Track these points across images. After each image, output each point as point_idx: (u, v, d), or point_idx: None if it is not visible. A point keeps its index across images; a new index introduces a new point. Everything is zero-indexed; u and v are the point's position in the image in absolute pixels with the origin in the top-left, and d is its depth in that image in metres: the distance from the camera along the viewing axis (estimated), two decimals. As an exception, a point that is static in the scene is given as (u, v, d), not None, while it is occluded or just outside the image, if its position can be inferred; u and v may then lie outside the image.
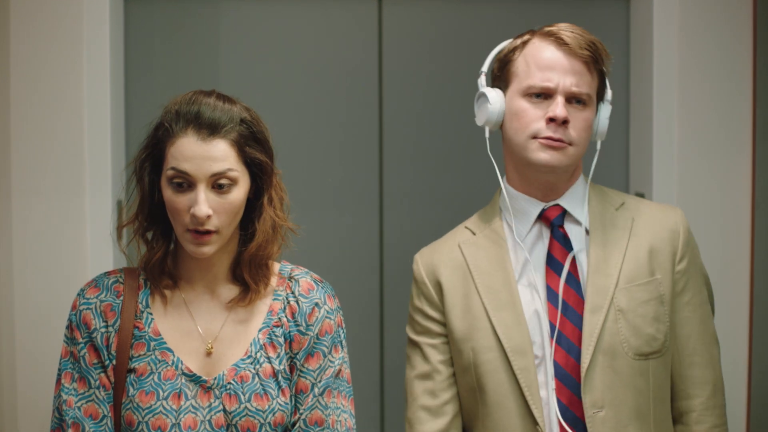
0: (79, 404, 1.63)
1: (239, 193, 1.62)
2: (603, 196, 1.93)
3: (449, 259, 1.92)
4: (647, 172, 2.62)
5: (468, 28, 2.71)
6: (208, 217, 1.58)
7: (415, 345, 1.94)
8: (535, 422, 1.79)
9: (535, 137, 1.81)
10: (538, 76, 1.81)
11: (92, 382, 1.64)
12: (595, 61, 1.83)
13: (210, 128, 1.58)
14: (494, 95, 1.87)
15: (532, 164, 1.83)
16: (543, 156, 1.81)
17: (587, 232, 1.88)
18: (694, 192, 2.59)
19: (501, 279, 1.86)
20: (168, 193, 1.60)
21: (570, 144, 1.81)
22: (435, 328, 1.91)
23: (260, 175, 1.65)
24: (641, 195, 2.63)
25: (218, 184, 1.59)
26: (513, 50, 1.88)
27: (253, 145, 1.63)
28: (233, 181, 1.60)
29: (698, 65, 2.58)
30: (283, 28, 2.67)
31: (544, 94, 1.82)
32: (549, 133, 1.80)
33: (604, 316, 1.79)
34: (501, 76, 1.90)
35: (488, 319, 1.84)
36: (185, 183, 1.58)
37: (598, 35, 1.90)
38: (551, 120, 1.79)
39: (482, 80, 1.93)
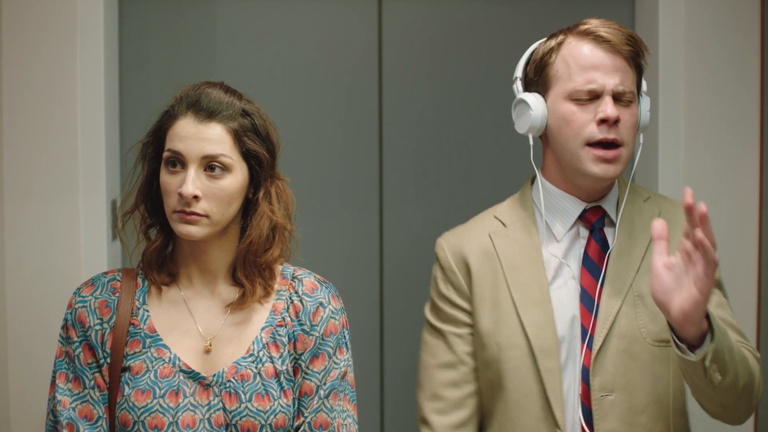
0: (73, 405, 1.61)
1: (233, 182, 1.61)
2: (633, 190, 1.91)
3: (479, 247, 1.87)
4: (653, 172, 2.62)
5: (468, 26, 2.72)
6: (196, 198, 1.57)
7: (438, 332, 1.89)
8: (556, 425, 1.76)
9: (588, 144, 1.77)
10: (582, 78, 1.77)
11: (87, 382, 1.62)
12: (636, 55, 1.80)
13: (208, 112, 1.60)
14: (535, 101, 1.82)
15: (586, 175, 1.80)
16: (597, 169, 1.77)
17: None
18: (700, 191, 2.57)
19: (533, 276, 1.82)
20: (163, 175, 1.61)
21: (621, 145, 1.78)
22: (462, 317, 1.86)
23: (258, 169, 1.65)
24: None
25: (210, 167, 1.59)
26: (549, 52, 1.83)
27: (252, 137, 1.63)
28: (226, 168, 1.60)
29: (704, 63, 2.58)
30: (280, 26, 2.67)
31: (590, 96, 1.78)
32: (602, 135, 1.76)
33: (622, 301, 1.77)
34: (538, 81, 1.85)
35: (517, 315, 1.80)
36: (179, 164, 1.59)
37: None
38: (602, 121, 1.76)
39: (518, 86, 1.88)
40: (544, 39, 1.88)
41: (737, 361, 1.62)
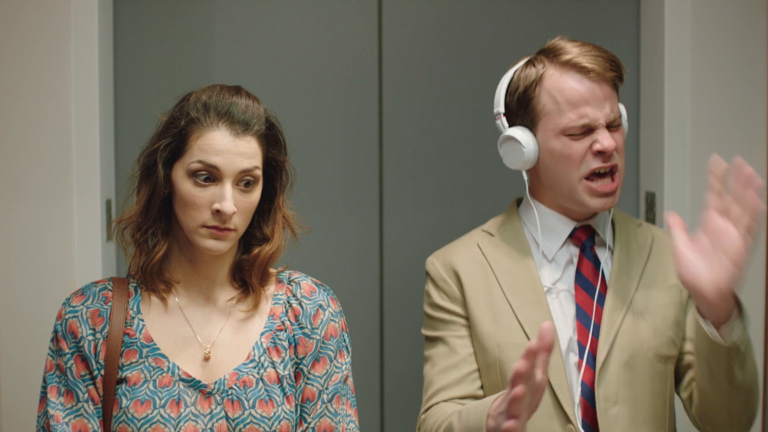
0: (66, 419, 1.55)
1: (258, 193, 1.60)
2: (624, 216, 1.94)
3: (468, 256, 1.88)
4: (659, 171, 2.61)
5: (469, 24, 2.72)
6: (233, 213, 1.55)
7: (437, 341, 1.87)
8: (567, 420, 1.75)
9: (585, 178, 1.77)
10: (574, 114, 1.76)
11: (80, 395, 1.56)
12: (620, 78, 1.80)
13: (243, 124, 1.57)
14: (525, 137, 1.81)
15: (583, 206, 1.80)
16: (595, 203, 1.79)
17: (611, 251, 1.86)
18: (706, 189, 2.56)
19: (526, 278, 1.82)
20: (187, 186, 1.56)
21: (617, 172, 1.79)
22: (460, 321, 1.86)
23: (276, 176, 1.65)
24: (652, 194, 2.63)
25: (244, 181, 1.57)
26: (531, 85, 1.81)
27: (275, 147, 1.64)
28: (256, 181, 1.59)
29: (711, 61, 2.57)
30: (279, 24, 2.66)
31: (584, 130, 1.77)
32: (599, 164, 1.76)
33: (623, 315, 1.78)
34: (523, 114, 1.83)
35: (515, 316, 1.80)
36: (210, 177, 1.55)
37: (607, 32, 1.86)
38: (599, 152, 1.76)
39: (503, 122, 1.87)
40: (520, 66, 1.85)
41: (751, 353, 1.64)
